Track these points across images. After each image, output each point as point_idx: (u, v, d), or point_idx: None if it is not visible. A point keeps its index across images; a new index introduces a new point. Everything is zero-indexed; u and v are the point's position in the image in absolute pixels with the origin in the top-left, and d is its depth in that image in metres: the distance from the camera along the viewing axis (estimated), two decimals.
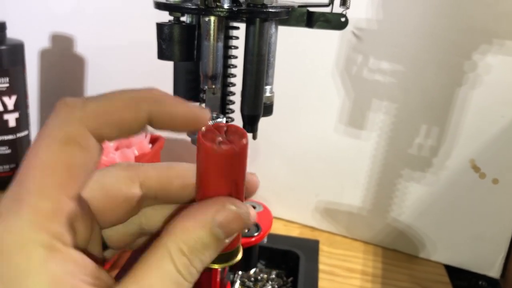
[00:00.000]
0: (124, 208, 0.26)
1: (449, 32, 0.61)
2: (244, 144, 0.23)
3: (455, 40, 0.61)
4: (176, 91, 0.48)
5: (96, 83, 0.87)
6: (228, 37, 0.43)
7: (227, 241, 0.23)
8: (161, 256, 0.21)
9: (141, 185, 0.26)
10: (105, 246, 0.27)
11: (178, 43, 0.41)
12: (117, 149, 0.72)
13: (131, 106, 0.22)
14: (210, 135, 0.23)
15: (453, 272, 0.71)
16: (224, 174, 0.23)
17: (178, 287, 0.21)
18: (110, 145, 0.71)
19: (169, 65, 0.49)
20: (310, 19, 0.46)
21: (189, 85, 0.47)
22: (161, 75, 0.70)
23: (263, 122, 0.52)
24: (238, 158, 0.23)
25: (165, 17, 0.42)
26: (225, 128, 0.23)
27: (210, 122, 0.23)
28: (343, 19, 0.46)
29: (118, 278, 0.22)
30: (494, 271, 0.70)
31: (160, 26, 0.41)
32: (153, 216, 0.27)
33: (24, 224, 0.18)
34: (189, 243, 0.21)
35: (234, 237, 0.23)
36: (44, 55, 0.88)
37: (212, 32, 0.40)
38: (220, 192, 0.23)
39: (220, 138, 0.23)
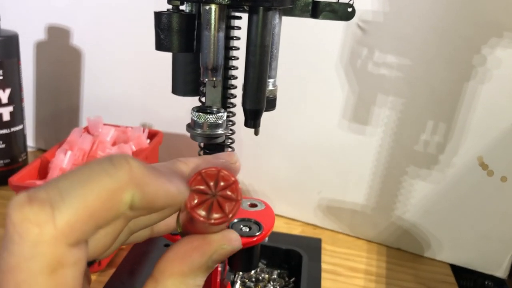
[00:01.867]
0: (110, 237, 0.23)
1: (457, 25, 0.59)
2: (238, 205, 0.21)
3: (464, 33, 0.59)
4: (175, 84, 0.46)
5: (92, 76, 0.85)
6: (229, 27, 0.41)
7: (215, 266, 0.23)
8: None
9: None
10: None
11: (177, 33, 0.38)
12: (114, 144, 0.70)
13: (110, 204, 0.18)
14: (199, 195, 0.21)
15: (459, 272, 0.69)
16: (214, 229, 0.22)
17: None
18: (107, 139, 0.69)
19: (167, 57, 0.47)
20: (315, 9, 0.44)
21: (188, 77, 0.45)
22: (159, 68, 0.69)
23: (265, 117, 0.50)
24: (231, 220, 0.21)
25: (163, 6, 0.40)
26: (216, 179, 0.21)
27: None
28: (350, 9, 0.44)
29: (115, 277, 0.20)
30: (501, 271, 0.68)
31: (158, 15, 0.39)
32: (141, 221, 0.25)
33: None
34: (189, 284, 0.21)
35: None
36: (40, 47, 0.86)
37: (212, 21, 0.38)
38: (211, 233, 0.22)
39: (210, 200, 0.21)
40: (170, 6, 0.39)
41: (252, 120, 0.43)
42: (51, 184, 0.18)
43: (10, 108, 0.73)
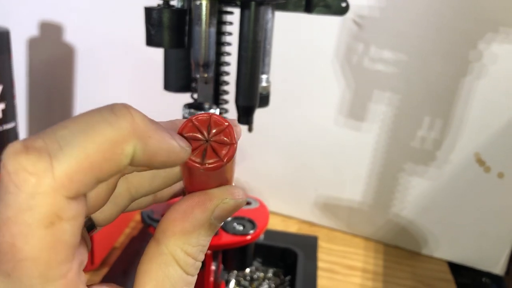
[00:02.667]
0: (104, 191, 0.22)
1: (454, 21, 0.59)
2: (234, 149, 0.20)
3: (460, 29, 0.59)
4: (167, 80, 0.46)
5: (86, 71, 0.84)
6: (221, 23, 0.40)
7: (220, 225, 0.22)
8: (166, 263, 0.20)
9: None
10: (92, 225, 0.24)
11: (168, 28, 0.38)
12: None
13: (112, 154, 0.17)
14: (192, 142, 0.20)
15: (456, 269, 0.69)
16: (213, 180, 0.21)
17: (189, 284, 0.20)
18: None
19: (160, 54, 0.46)
20: (309, 4, 0.44)
21: (180, 73, 0.44)
22: (152, 64, 0.68)
23: (259, 114, 0.49)
24: (227, 165, 0.20)
25: (155, 0, 0.39)
26: (208, 124, 0.20)
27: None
28: (343, 4, 0.44)
29: (108, 277, 0.19)
30: (499, 268, 0.67)
31: (148, 11, 0.38)
32: (142, 182, 0.23)
33: None
34: (192, 243, 0.20)
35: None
36: (32, 43, 0.85)
37: (204, 16, 0.37)
38: (211, 187, 0.21)
39: (204, 146, 0.20)
40: (160, 1, 0.38)
41: (245, 117, 0.42)
42: (48, 132, 0.16)
43: (2, 106, 0.72)
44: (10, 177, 0.16)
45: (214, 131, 0.20)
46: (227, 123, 0.20)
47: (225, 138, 0.20)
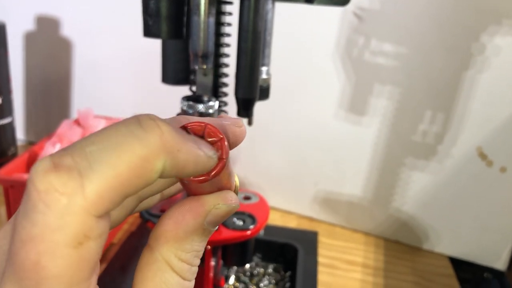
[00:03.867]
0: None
1: (456, 13, 0.58)
2: (223, 165, 0.19)
3: (463, 21, 0.58)
4: (165, 73, 0.45)
5: (83, 66, 0.84)
6: (220, 13, 0.40)
7: (214, 229, 0.21)
8: (163, 271, 0.19)
9: None
10: None
11: (166, 18, 0.37)
12: None
13: (142, 171, 0.16)
14: None
15: (458, 264, 0.68)
16: (206, 188, 0.20)
17: None
18: None
19: (158, 46, 0.45)
20: None
21: (178, 66, 0.43)
22: (150, 57, 0.67)
23: (259, 107, 0.48)
24: (218, 177, 0.19)
25: None
26: (201, 134, 0.19)
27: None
28: None
29: (106, 274, 0.19)
30: (500, 263, 0.67)
31: (145, 0, 0.37)
32: (150, 188, 0.23)
33: None
34: (186, 249, 0.20)
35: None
36: (29, 38, 0.84)
37: (202, 6, 0.37)
38: (205, 193, 0.20)
39: None
40: None
41: (245, 110, 0.41)
42: (77, 148, 0.16)
43: None
44: (40, 196, 0.15)
45: (207, 140, 0.19)
46: (221, 136, 0.19)
47: (217, 145, 0.19)
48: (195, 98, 0.40)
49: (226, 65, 0.42)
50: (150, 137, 0.17)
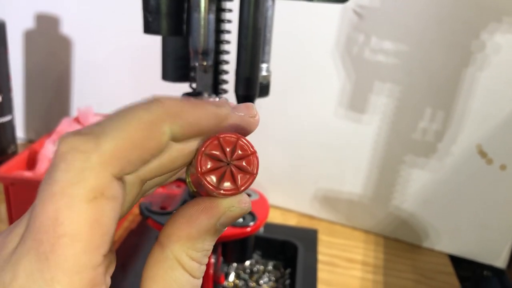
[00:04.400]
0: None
1: (456, 10, 0.58)
2: (253, 179, 0.19)
3: (463, 19, 0.58)
4: (165, 70, 0.45)
5: (82, 64, 0.84)
6: (220, 10, 0.40)
7: (224, 230, 0.22)
8: (173, 268, 0.20)
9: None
10: None
11: (166, 15, 0.37)
12: None
13: (150, 133, 0.18)
14: (211, 160, 0.19)
15: (457, 262, 0.68)
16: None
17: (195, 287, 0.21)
18: None
19: (158, 44, 0.45)
20: None
21: (178, 63, 0.43)
22: (150, 55, 0.67)
23: (259, 105, 0.48)
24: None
25: None
26: (233, 146, 0.19)
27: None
28: None
29: None
30: (500, 261, 0.67)
31: None
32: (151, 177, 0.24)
33: None
34: (197, 248, 0.20)
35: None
36: (29, 36, 0.84)
37: (202, 3, 0.37)
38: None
39: (224, 168, 0.19)
40: None
41: None
42: (93, 123, 0.18)
43: None
44: (62, 156, 0.17)
45: (237, 154, 0.19)
46: (252, 150, 0.19)
47: (248, 167, 0.19)
48: (195, 95, 0.40)
49: (226, 62, 0.42)
50: (153, 106, 0.19)
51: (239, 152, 0.19)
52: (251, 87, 0.40)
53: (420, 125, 0.64)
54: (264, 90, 0.45)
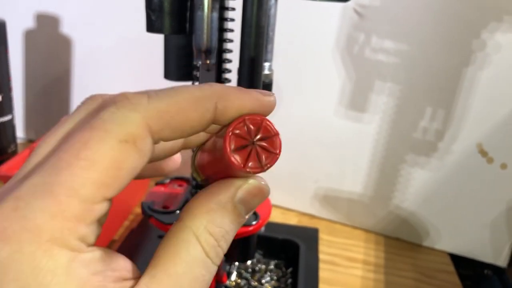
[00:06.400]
0: None
1: (457, 9, 0.58)
2: (276, 159, 0.21)
3: (463, 18, 0.58)
4: (167, 69, 0.45)
5: (83, 64, 0.83)
6: (223, 8, 0.40)
7: (246, 217, 0.22)
8: (187, 240, 0.20)
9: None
10: None
11: (169, 14, 0.37)
12: None
13: (197, 106, 0.20)
14: (238, 140, 0.20)
15: (458, 261, 0.68)
16: (245, 175, 0.22)
17: (207, 272, 0.20)
18: None
19: (160, 43, 0.45)
20: None
21: (181, 61, 0.43)
22: (151, 54, 0.67)
23: None
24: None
25: None
26: (258, 127, 0.21)
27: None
28: None
29: None
30: (501, 260, 0.67)
31: None
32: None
33: (48, 222, 0.17)
34: (216, 222, 0.20)
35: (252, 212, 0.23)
36: (29, 35, 0.84)
37: (206, 1, 0.37)
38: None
39: (249, 148, 0.20)
40: None
41: None
42: (150, 90, 0.20)
43: None
44: (114, 100, 0.19)
45: (261, 135, 0.20)
46: (276, 131, 0.21)
47: (271, 147, 0.20)
48: None
49: (229, 61, 0.42)
50: (204, 86, 0.20)
51: (263, 133, 0.20)
52: (254, 86, 0.40)
53: (421, 124, 0.64)
54: (267, 89, 0.45)
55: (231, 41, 0.41)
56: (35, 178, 0.17)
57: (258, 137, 0.20)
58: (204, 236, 0.20)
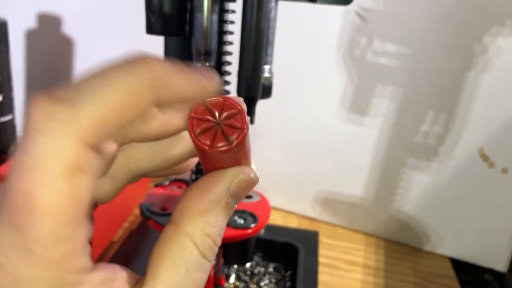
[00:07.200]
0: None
1: (458, 13, 0.58)
2: (244, 134, 0.20)
3: (465, 22, 0.58)
4: None
5: (85, 63, 0.83)
6: (223, 10, 0.39)
7: (236, 206, 0.21)
8: (184, 245, 0.19)
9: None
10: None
11: (168, 16, 0.37)
12: None
13: (133, 101, 0.17)
14: (203, 123, 0.19)
15: (459, 266, 0.68)
16: (227, 162, 0.21)
17: (205, 273, 0.20)
18: None
19: (160, 44, 0.45)
20: None
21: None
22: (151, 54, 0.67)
23: (261, 106, 0.48)
24: (238, 147, 0.20)
25: None
26: (221, 108, 0.20)
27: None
28: None
29: None
30: (501, 265, 0.67)
31: None
32: (141, 157, 0.23)
33: (38, 277, 0.16)
34: (211, 222, 0.20)
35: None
36: (30, 35, 0.84)
37: (206, 4, 0.37)
38: (224, 167, 0.21)
39: (215, 129, 0.19)
40: None
41: (247, 108, 0.41)
42: (70, 85, 0.17)
43: None
44: (35, 124, 0.16)
45: (225, 114, 0.20)
46: (239, 108, 0.19)
47: (237, 123, 0.19)
48: None
49: (229, 63, 0.42)
50: (140, 71, 0.17)
51: (227, 112, 0.20)
52: (254, 88, 0.40)
53: (422, 128, 0.64)
54: (267, 92, 0.44)
55: (230, 43, 0.41)
56: (2, 233, 0.16)
57: (222, 116, 0.19)
58: (201, 239, 0.19)
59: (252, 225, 0.46)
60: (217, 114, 0.19)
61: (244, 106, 0.20)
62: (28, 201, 0.16)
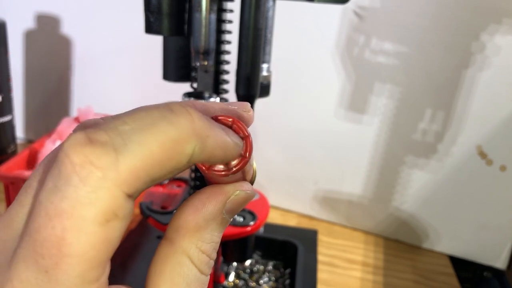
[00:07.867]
0: None
1: (456, 11, 0.58)
2: (245, 162, 0.19)
3: (463, 20, 0.58)
4: (166, 70, 0.45)
5: (83, 64, 0.84)
6: (221, 10, 0.40)
7: (231, 220, 0.21)
8: (182, 263, 0.19)
9: None
10: None
11: (167, 15, 0.37)
12: None
13: (174, 154, 0.17)
14: None
15: (458, 263, 0.68)
16: (224, 181, 0.21)
17: (204, 287, 0.20)
18: None
19: (159, 44, 0.45)
20: None
21: (179, 63, 0.43)
22: (151, 55, 0.67)
23: (260, 105, 0.48)
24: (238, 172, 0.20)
25: None
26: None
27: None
28: None
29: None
30: (500, 262, 0.67)
31: None
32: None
33: None
34: (206, 239, 0.20)
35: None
36: (29, 36, 0.84)
37: (204, 3, 0.37)
38: (225, 183, 0.21)
39: None
40: None
41: None
42: (110, 126, 0.16)
43: None
44: (75, 169, 0.15)
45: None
46: (247, 134, 0.19)
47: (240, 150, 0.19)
48: (196, 95, 0.40)
49: (227, 62, 0.42)
50: (182, 121, 0.17)
51: (235, 131, 0.19)
52: (252, 87, 0.40)
53: (420, 126, 0.64)
54: (265, 90, 0.45)
55: (229, 42, 0.41)
56: (24, 272, 0.16)
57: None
58: (197, 256, 0.19)
59: (251, 223, 0.46)
60: None
61: (240, 114, 0.20)
62: (59, 245, 0.15)
